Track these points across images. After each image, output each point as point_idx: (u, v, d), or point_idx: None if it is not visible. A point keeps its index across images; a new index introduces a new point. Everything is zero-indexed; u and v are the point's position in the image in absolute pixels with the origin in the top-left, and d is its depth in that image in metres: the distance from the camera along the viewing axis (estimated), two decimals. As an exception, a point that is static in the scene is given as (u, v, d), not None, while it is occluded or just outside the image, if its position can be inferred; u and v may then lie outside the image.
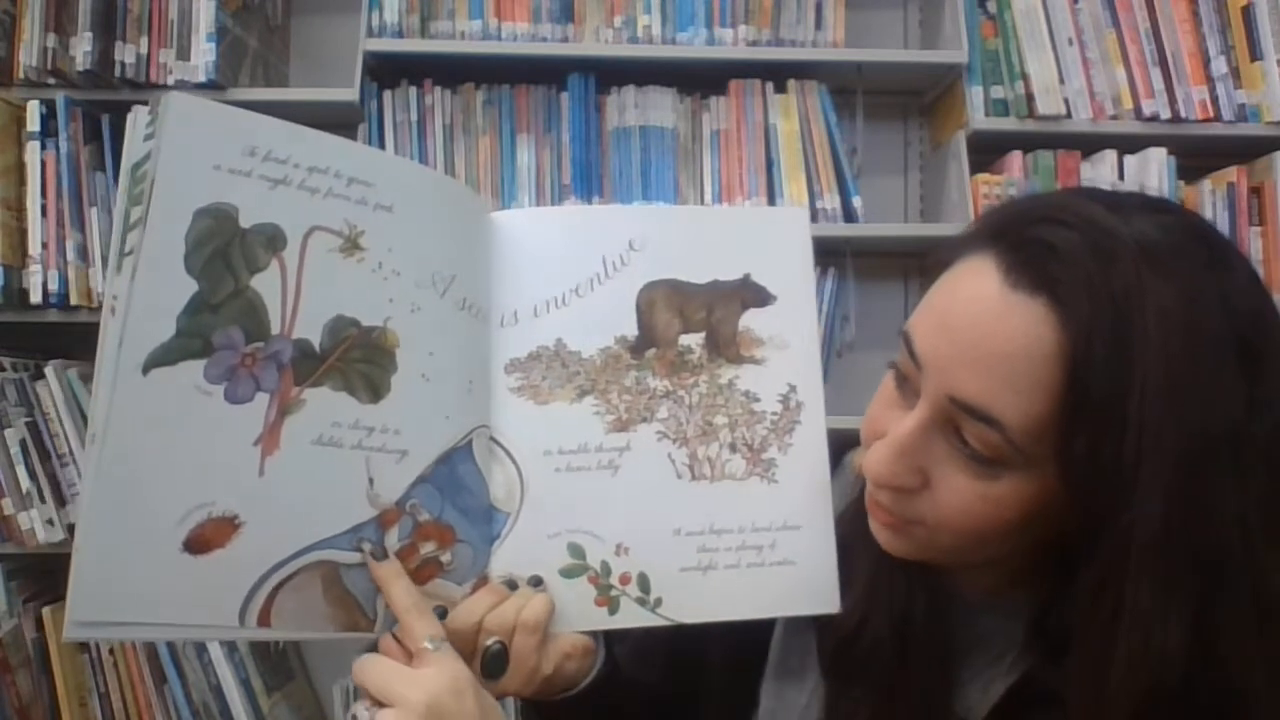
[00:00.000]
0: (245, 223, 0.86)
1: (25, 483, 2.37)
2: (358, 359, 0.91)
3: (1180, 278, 0.77)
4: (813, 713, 1.03)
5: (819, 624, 1.03)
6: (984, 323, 0.80)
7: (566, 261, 1.04)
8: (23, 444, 2.38)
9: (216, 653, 2.41)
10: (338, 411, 0.90)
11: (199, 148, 0.84)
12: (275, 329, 0.87)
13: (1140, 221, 0.79)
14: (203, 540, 0.83)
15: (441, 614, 0.94)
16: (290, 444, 0.87)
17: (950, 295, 0.85)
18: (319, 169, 0.90)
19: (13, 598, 2.42)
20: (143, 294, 0.81)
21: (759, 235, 1.08)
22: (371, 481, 0.92)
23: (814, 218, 2.53)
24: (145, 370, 0.80)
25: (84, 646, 2.43)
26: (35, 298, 2.37)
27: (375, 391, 0.92)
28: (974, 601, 0.97)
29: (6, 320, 2.40)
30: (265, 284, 0.87)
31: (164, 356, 0.81)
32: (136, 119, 0.86)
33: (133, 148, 0.86)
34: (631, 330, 1.04)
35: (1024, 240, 0.81)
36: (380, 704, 0.86)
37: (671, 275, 1.05)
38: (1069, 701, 0.83)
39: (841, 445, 1.11)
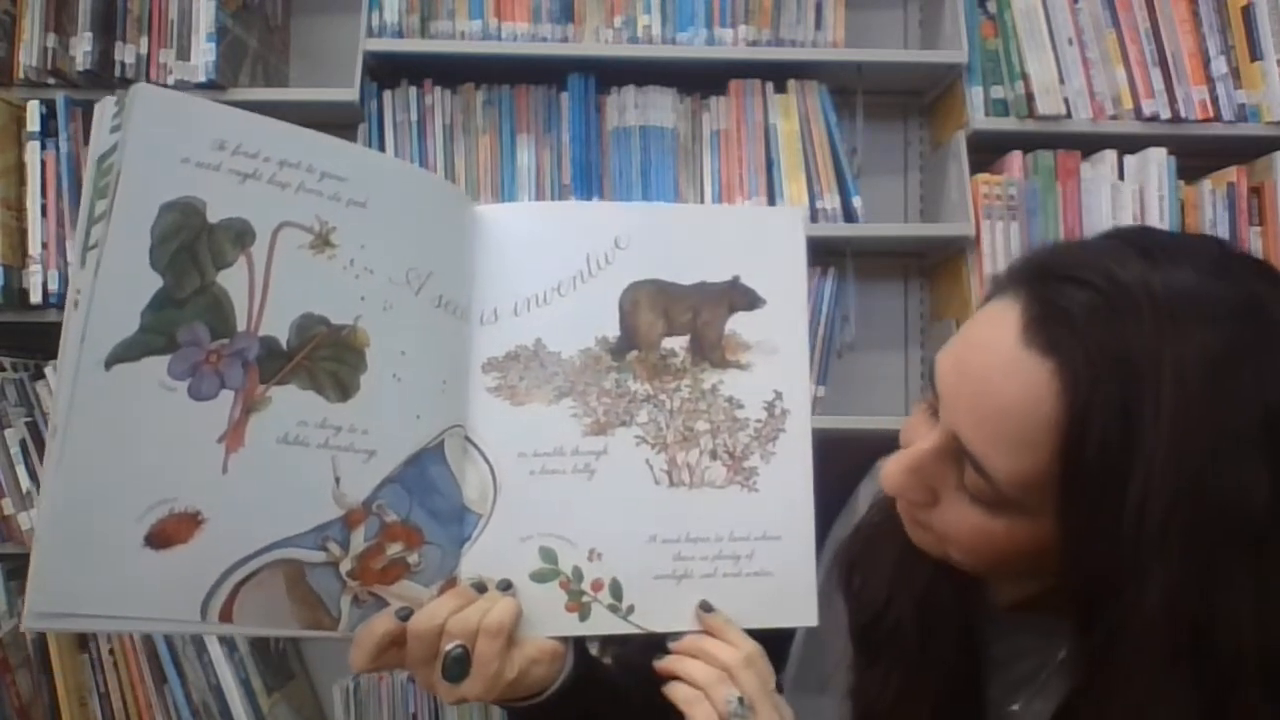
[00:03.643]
0: (213, 217, 0.85)
1: (25, 483, 2.38)
2: (326, 357, 0.91)
3: (1207, 336, 0.74)
4: (828, 716, 1.02)
5: (850, 604, 1.02)
6: (991, 374, 0.80)
7: (550, 259, 1.02)
8: (23, 444, 2.38)
9: (216, 652, 2.40)
10: (304, 410, 0.89)
11: (166, 141, 0.84)
12: (241, 326, 0.86)
13: (1177, 273, 0.77)
14: (164, 535, 0.83)
15: (406, 615, 0.93)
16: (255, 442, 0.87)
17: (971, 336, 0.85)
18: (290, 163, 0.89)
19: (13, 598, 2.43)
20: (106, 288, 0.80)
21: (751, 236, 1.06)
22: (338, 481, 0.91)
23: (814, 218, 2.52)
24: (108, 365, 0.80)
25: (84, 646, 2.43)
26: (35, 298, 2.38)
27: (343, 390, 0.91)
28: (1004, 616, 0.96)
29: (6, 320, 2.40)
30: (232, 280, 0.86)
31: (127, 352, 0.81)
32: (104, 110, 0.85)
33: (99, 140, 0.85)
34: (613, 331, 1.02)
35: (1047, 296, 0.79)
36: None
37: (657, 275, 1.03)
38: None
39: (839, 445, 1.11)
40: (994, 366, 0.80)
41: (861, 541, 1.04)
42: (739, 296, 1.04)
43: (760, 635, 1.00)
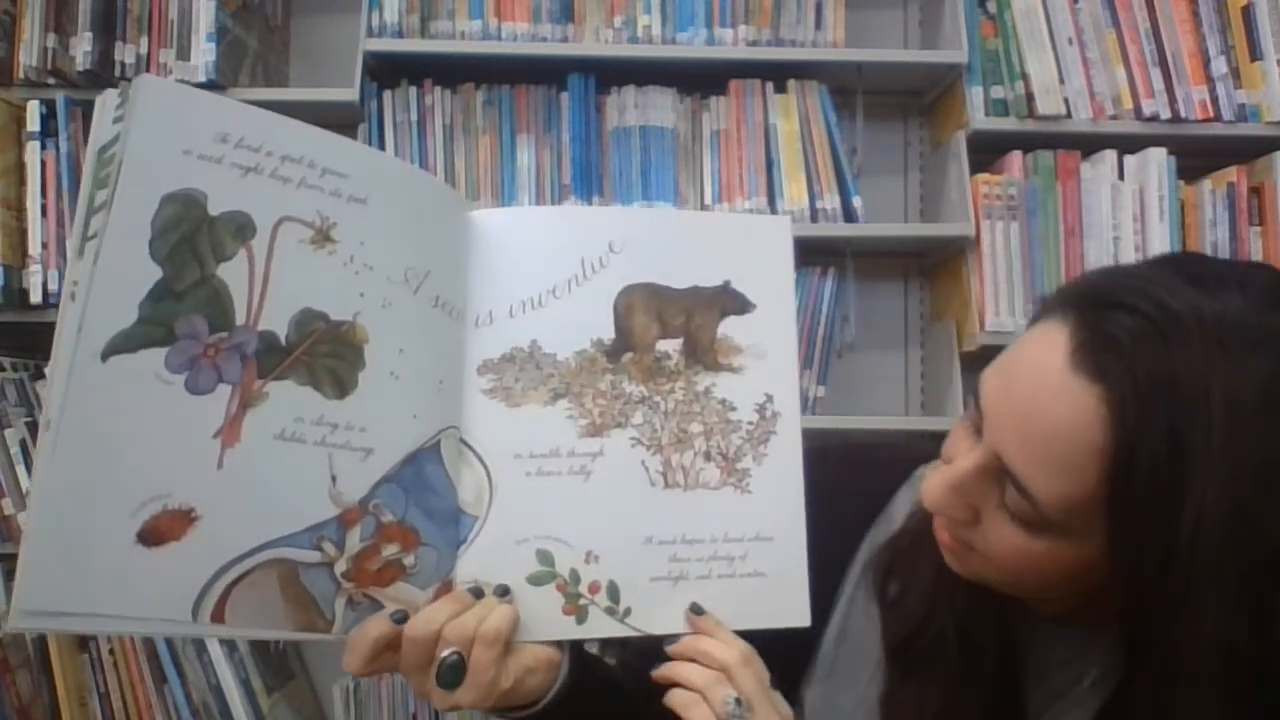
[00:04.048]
0: (214, 210, 0.85)
1: (25, 483, 2.37)
2: (325, 353, 0.90)
3: (1257, 363, 0.73)
4: (860, 717, 1.02)
5: (884, 617, 1.01)
6: (1039, 396, 0.79)
7: (544, 262, 1.02)
8: (23, 444, 2.38)
9: (216, 652, 2.40)
10: (302, 406, 0.89)
11: (169, 132, 0.83)
12: (240, 319, 0.86)
13: (1228, 299, 0.76)
14: (157, 532, 0.81)
15: (401, 619, 0.92)
16: (251, 437, 0.86)
17: (1020, 357, 0.84)
18: (292, 158, 0.89)
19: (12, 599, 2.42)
20: (105, 279, 0.79)
21: (741, 243, 1.07)
22: (334, 479, 0.90)
23: (814, 218, 2.52)
24: (104, 357, 0.79)
25: (84, 647, 2.43)
26: (35, 298, 2.38)
27: (341, 387, 0.91)
28: (1042, 628, 0.96)
29: (6, 320, 2.40)
30: (232, 273, 0.85)
31: (124, 343, 0.80)
32: (106, 101, 0.85)
33: (100, 130, 0.84)
34: (608, 333, 1.02)
35: (1095, 322, 0.78)
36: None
37: (651, 279, 1.04)
38: None
39: (856, 449, 1.11)
40: (1041, 387, 0.79)
41: (899, 550, 1.03)
42: (730, 301, 1.05)
43: (765, 634, 1.00)
